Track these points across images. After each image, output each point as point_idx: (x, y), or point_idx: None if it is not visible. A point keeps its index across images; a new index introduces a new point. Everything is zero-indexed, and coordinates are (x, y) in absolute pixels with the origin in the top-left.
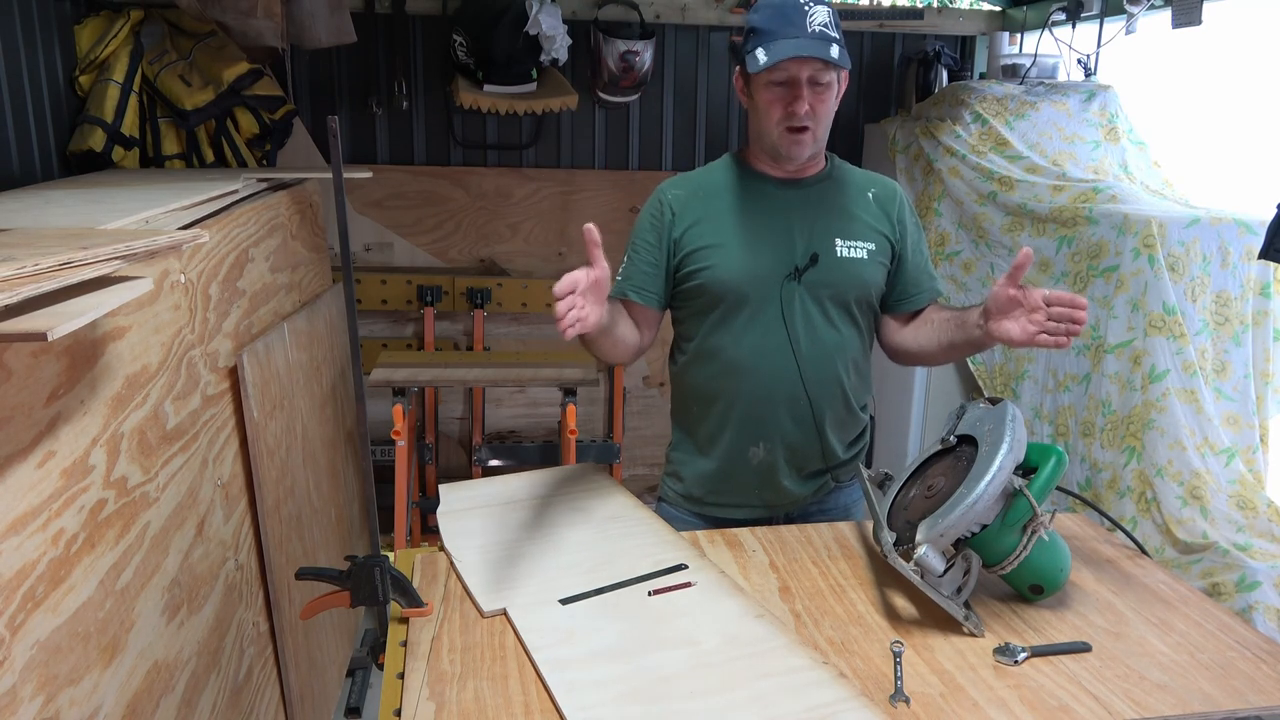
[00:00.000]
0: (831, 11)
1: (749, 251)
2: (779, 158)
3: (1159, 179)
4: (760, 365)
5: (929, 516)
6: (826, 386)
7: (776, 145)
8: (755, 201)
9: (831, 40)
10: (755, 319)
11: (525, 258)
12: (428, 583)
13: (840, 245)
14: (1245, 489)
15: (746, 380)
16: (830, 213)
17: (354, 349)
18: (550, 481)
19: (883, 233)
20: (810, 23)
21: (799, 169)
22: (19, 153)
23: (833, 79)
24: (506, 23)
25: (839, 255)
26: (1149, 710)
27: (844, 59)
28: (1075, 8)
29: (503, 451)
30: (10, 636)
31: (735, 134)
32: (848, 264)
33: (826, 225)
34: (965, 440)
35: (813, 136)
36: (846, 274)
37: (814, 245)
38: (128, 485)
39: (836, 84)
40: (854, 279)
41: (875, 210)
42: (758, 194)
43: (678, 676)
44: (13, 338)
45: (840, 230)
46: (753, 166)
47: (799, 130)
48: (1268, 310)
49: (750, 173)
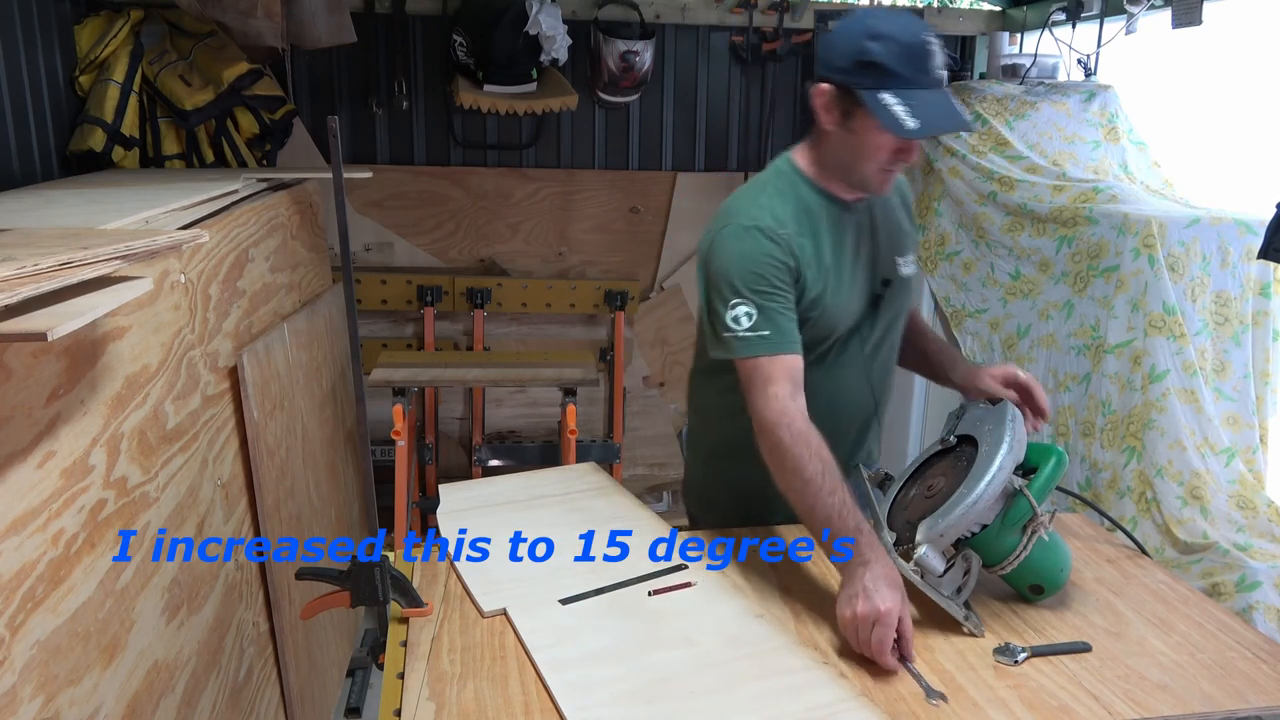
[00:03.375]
0: (941, 45)
1: (844, 286)
2: (862, 190)
3: (1159, 179)
4: (841, 401)
5: (929, 516)
6: (887, 401)
7: (867, 180)
8: (837, 230)
9: (947, 86)
10: (842, 355)
11: (525, 258)
12: (428, 583)
13: (900, 264)
14: (1245, 489)
15: (831, 417)
16: (887, 231)
17: (354, 349)
18: (550, 481)
19: (913, 237)
20: (935, 67)
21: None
22: (19, 153)
23: None
24: (506, 23)
25: (902, 275)
26: (1149, 710)
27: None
28: (1075, 8)
29: (503, 451)
30: (10, 636)
31: (735, 134)
32: (909, 283)
33: (889, 245)
34: (965, 440)
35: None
36: (908, 292)
37: (884, 269)
38: (128, 485)
39: None
40: (910, 297)
41: (906, 213)
42: (835, 220)
43: (678, 676)
44: (13, 338)
45: (897, 247)
46: (822, 186)
47: (896, 172)
48: (1268, 310)
49: (824, 195)
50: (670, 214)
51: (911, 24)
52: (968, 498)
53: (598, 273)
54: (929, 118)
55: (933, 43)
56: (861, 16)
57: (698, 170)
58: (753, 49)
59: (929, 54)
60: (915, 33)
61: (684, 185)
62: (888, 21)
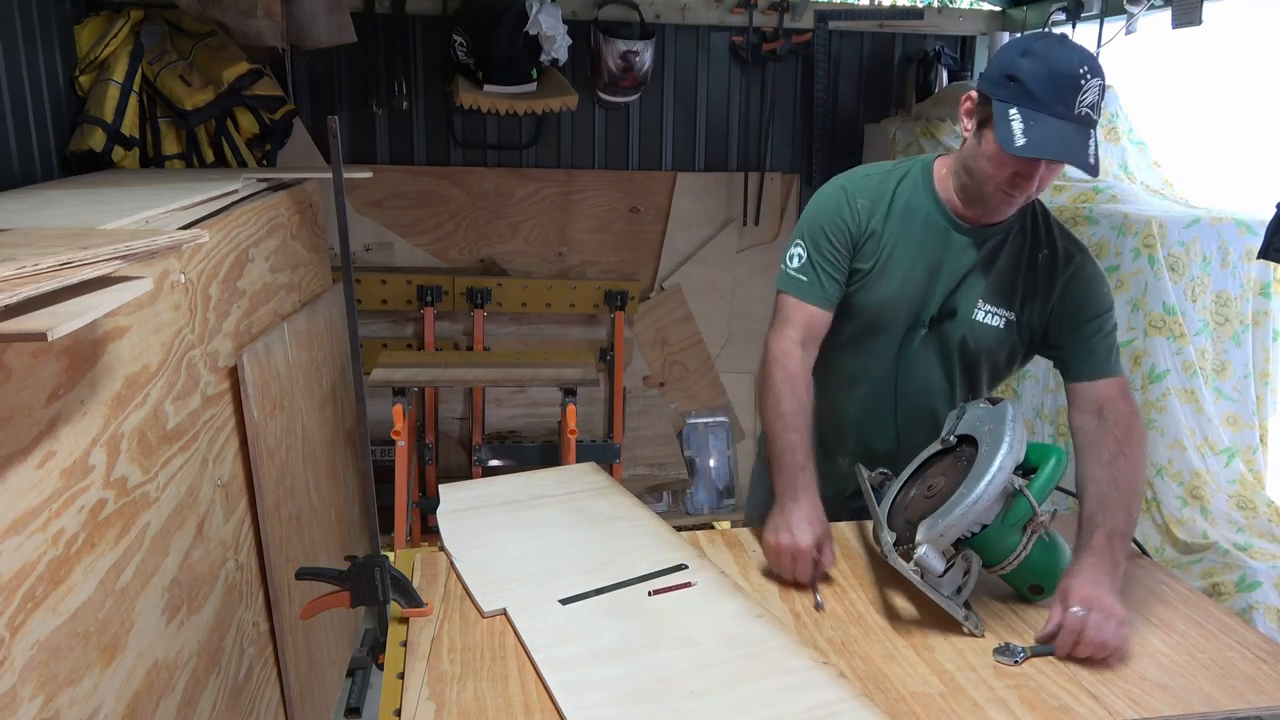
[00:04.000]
0: (1103, 88)
1: (900, 283)
2: (978, 207)
3: (1159, 179)
4: (859, 386)
5: (929, 516)
6: (918, 417)
7: (986, 199)
8: (929, 235)
9: (1092, 127)
10: (875, 343)
11: (525, 258)
12: (428, 583)
13: (980, 309)
14: (1245, 489)
15: (845, 394)
16: (989, 270)
17: (354, 349)
18: (550, 481)
19: (1032, 300)
20: (1080, 102)
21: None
22: (19, 153)
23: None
24: (506, 23)
25: (974, 318)
26: (1149, 710)
27: (1098, 163)
28: (1075, 8)
29: (503, 451)
30: (10, 636)
31: (735, 134)
32: (979, 328)
33: (977, 283)
34: (965, 440)
35: (1025, 201)
36: (975, 337)
37: (957, 299)
38: (128, 485)
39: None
40: (983, 344)
41: (1038, 274)
42: (934, 228)
43: (678, 676)
44: (13, 338)
45: (988, 293)
46: (940, 196)
47: (1015, 196)
48: (1268, 310)
49: (937, 203)
50: (670, 214)
51: (1073, 55)
52: (968, 498)
53: (598, 273)
54: (1041, 142)
55: (1087, 77)
56: (1033, 35)
57: (698, 170)
58: (753, 49)
59: (1075, 87)
60: (1071, 63)
61: (684, 185)
62: (1048, 45)
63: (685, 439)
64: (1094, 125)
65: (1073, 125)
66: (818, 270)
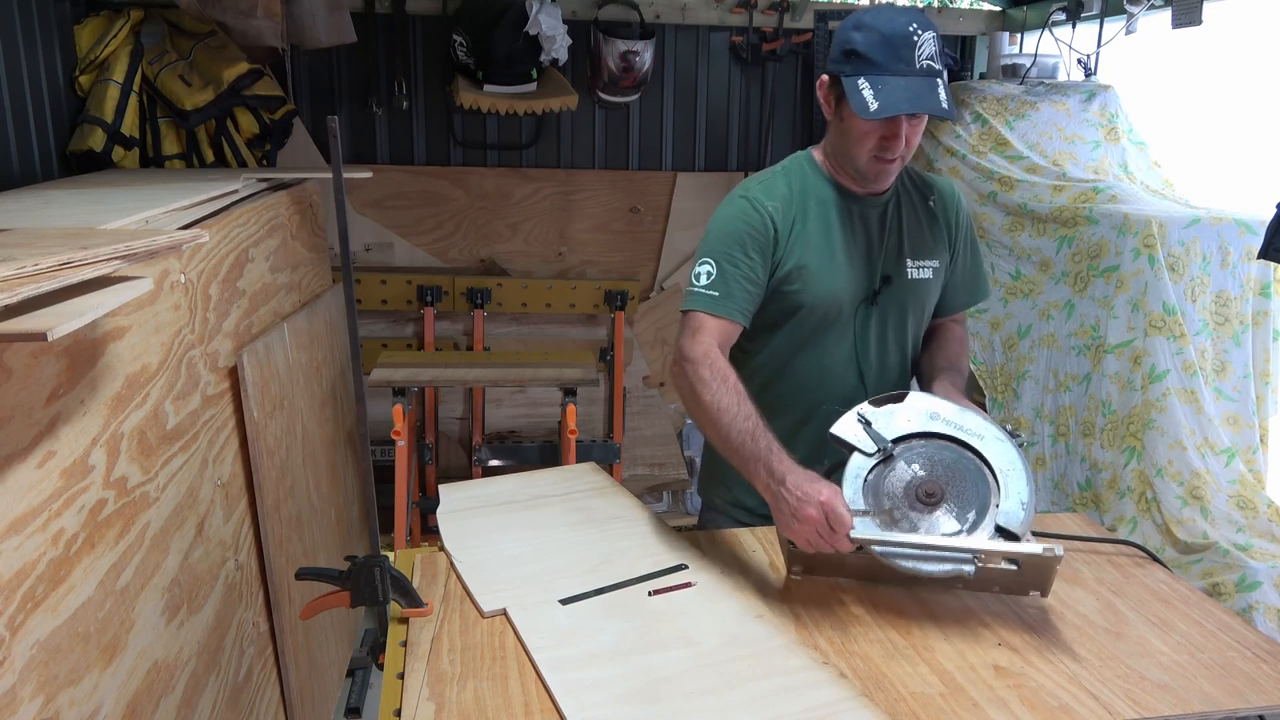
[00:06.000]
0: (937, 38)
1: (836, 272)
2: (863, 181)
3: (1159, 179)
4: (828, 383)
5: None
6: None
7: (864, 171)
8: (840, 217)
9: (938, 77)
10: (827, 338)
11: (525, 258)
12: (428, 583)
13: (911, 266)
14: (1245, 489)
15: (813, 396)
16: (903, 230)
17: (354, 349)
18: (550, 481)
19: (942, 246)
20: (919, 56)
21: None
22: (19, 153)
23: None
24: (506, 23)
25: (909, 277)
26: (1149, 710)
27: (951, 106)
28: (1075, 8)
29: (503, 451)
30: (10, 637)
31: (735, 134)
32: (917, 285)
33: (898, 244)
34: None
35: (901, 164)
36: (915, 295)
37: (888, 266)
38: (128, 485)
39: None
40: (920, 299)
41: (937, 221)
42: (842, 210)
43: (677, 676)
44: (13, 338)
45: (911, 249)
46: (833, 178)
47: (890, 161)
48: (1268, 310)
49: (832, 185)
50: (670, 214)
51: (900, 16)
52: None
53: (598, 273)
54: (892, 101)
55: (919, 33)
56: (862, 10)
57: (698, 170)
58: (753, 49)
59: (910, 44)
60: (900, 24)
61: (684, 185)
62: (876, 14)
63: (685, 439)
64: (939, 75)
65: (919, 79)
66: (729, 283)
